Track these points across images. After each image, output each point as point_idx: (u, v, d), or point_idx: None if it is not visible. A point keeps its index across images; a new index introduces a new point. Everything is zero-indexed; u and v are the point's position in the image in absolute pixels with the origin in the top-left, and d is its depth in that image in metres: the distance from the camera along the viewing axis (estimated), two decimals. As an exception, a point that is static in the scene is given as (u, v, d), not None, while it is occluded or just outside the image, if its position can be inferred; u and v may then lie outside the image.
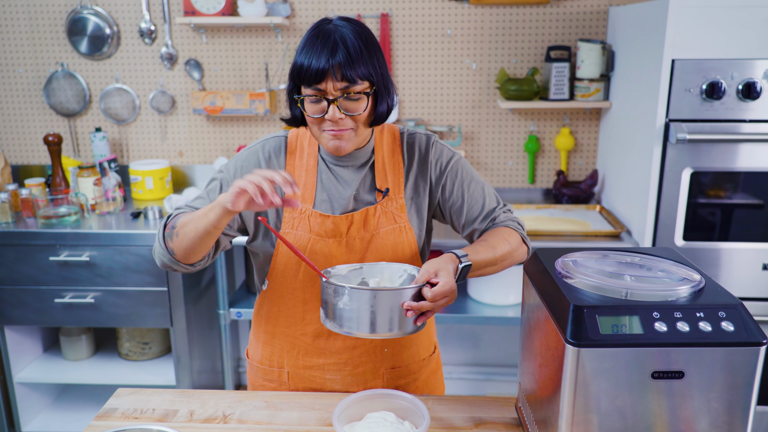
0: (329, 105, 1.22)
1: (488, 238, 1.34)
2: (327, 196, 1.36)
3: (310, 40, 1.22)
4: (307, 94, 1.23)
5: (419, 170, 1.38)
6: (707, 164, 2.19)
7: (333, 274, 1.24)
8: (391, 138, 1.40)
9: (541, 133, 2.97)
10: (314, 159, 1.37)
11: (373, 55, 1.24)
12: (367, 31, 1.25)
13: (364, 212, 1.34)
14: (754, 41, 2.09)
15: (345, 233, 1.33)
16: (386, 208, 1.35)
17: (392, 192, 1.36)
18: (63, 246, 2.46)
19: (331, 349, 1.40)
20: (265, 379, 1.47)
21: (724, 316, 0.95)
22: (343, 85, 1.20)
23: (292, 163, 1.37)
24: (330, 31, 1.21)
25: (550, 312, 1.02)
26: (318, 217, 1.33)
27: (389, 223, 1.35)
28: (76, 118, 3.06)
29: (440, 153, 1.40)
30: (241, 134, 3.05)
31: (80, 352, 2.85)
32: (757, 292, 2.28)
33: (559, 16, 2.82)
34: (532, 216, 2.66)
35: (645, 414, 0.97)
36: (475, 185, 1.41)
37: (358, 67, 1.20)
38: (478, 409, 1.33)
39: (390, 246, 1.34)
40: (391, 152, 1.38)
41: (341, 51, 1.19)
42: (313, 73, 1.19)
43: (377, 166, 1.37)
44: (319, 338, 1.39)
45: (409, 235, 1.36)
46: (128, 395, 1.38)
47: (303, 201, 1.35)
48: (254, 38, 2.92)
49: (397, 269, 1.28)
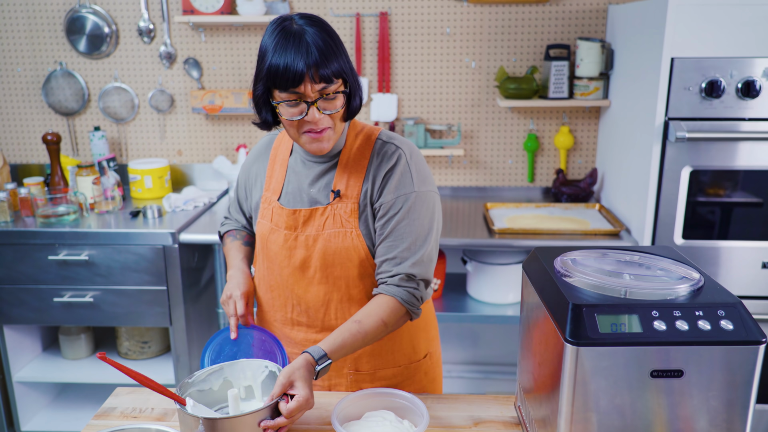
0: (309, 107, 1.23)
1: (362, 319, 1.27)
2: (291, 188, 1.41)
3: (280, 42, 1.21)
4: (283, 98, 1.23)
5: (373, 178, 1.34)
6: (706, 163, 2.19)
7: (192, 382, 1.23)
8: (364, 141, 1.37)
9: (541, 131, 2.97)
10: (288, 153, 1.44)
11: (342, 52, 1.26)
12: (330, 28, 1.26)
13: (312, 210, 1.36)
14: (753, 40, 2.09)
15: (295, 227, 1.38)
16: (336, 210, 1.34)
17: (345, 195, 1.34)
18: (62, 245, 2.46)
19: (295, 339, 1.45)
20: None
21: (723, 314, 0.95)
22: (320, 86, 1.21)
23: (273, 159, 1.46)
24: (298, 32, 1.21)
25: (549, 311, 1.02)
26: (278, 209, 1.40)
27: (336, 226, 1.34)
28: (74, 117, 3.05)
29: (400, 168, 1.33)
30: (240, 133, 3.05)
31: (79, 351, 2.85)
32: (757, 290, 2.28)
33: (559, 14, 2.82)
34: (531, 215, 2.66)
35: (644, 412, 0.97)
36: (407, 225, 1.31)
37: (333, 67, 1.21)
38: (477, 408, 1.33)
39: (334, 249, 1.34)
40: (359, 155, 1.36)
41: (315, 52, 1.19)
42: (291, 77, 1.19)
43: (340, 166, 1.36)
44: (285, 325, 1.46)
45: (357, 241, 1.33)
46: (127, 394, 1.38)
47: (273, 193, 1.43)
48: (253, 37, 2.92)
49: (258, 366, 1.28)
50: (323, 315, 1.40)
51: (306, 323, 1.43)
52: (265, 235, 1.41)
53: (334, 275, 1.36)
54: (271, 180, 1.44)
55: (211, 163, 3.07)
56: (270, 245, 1.41)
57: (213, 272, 2.76)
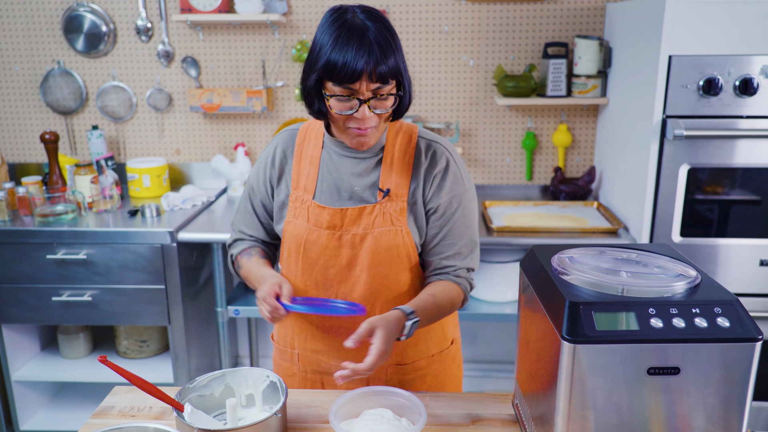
0: (360, 105, 1.22)
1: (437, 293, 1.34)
2: (328, 186, 1.37)
3: (341, 35, 1.19)
4: (336, 92, 1.22)
5: (424, 174, 1.36)
6: (704, 160, 2.19)
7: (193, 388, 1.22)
8: (406, 139, 1.37)
9: (539, 129, 2.97)
10: (318, 149, 1.39)
11: (400, 51, 1.24)
12: (390, 25, 1.24)
13: (361, 209, 1.34)
14: (751, 37, 2.09)
15: (340, 227, 1.34)
16: (385, 208, 1.34)
17: (393, 193, 1.34)
18: (60, 244, 2.46)
19: (334, 336, 1.42)
20: (281, 359, 1.52)
21: (720, 312, 0.95)
22: (376, 86, 1.20)
23: (299, 156, 1.40)
24: (360, 27, 1.19)
25: (546, 308, 1.02)
26: (316, 208, 1.35)
27: (386, 224, 1.34)
28: (72, 116, 3.05)
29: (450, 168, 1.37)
30: (238, 132, 3.05)
31: (78, 351, 2.85)
32: (755, 287, 2.29)
33: (557, 12, 2.82)
34: (529, 213, 2.66)
35: (641, 410, 0.97)
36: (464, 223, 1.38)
37: (391, 67, 1.20)
38: (475, 406, 1.33)
39: (385, 247, 1.34)
40: (403, 153, 1.36)
41: (376, 51, 1.18)
42: (349, 74, 1.18)
43: (384, 164, 1.35)
44: (322, 323, 1.41)
45: (407, 239, 1.35)
46: (125, 393, 1.38)
47: (304, 191, 1.38)
48: (251, 35, 2.92)
49: (260, 375, 1.26)
50: (368, 312, 1.37)
51: (347, 320, 1.39)
52: (301, 235, 1.36)
53: (382, 273, 1.36)
54: (300, 177, 1.39)
55: (209, 161, 3.07)
56: (310, 246, 1.36)
57: (211, 271, 2.76)
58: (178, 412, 1.13)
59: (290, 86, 2.97)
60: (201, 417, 1.16)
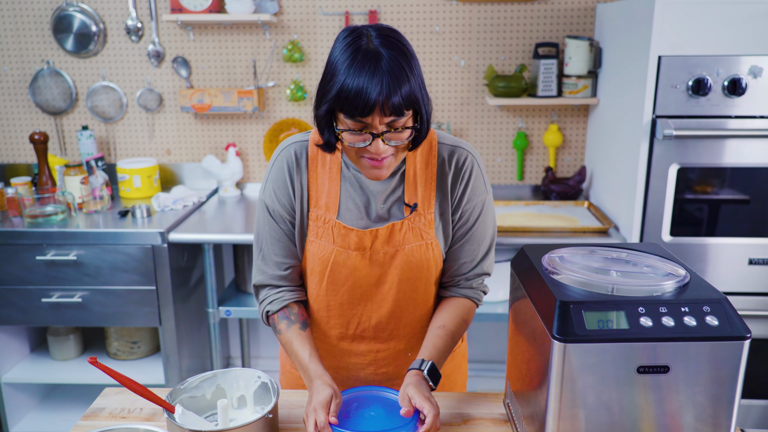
0: (374, 138, 1.14)
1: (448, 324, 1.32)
2: (352, 205, 1.31)
3: (354, 64, 1.10)
4: (348, 125, 1.15)
5: (451, 182, 1.32)
6: (694, 160, 2.21)
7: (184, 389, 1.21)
8: (427, 148, 1.31)
9: (530, 129, 2.98)
10: (338, 166, 1.31)
11: (417, 77, 1.14)
12: (407, 49, 1.15)
13: (390, 227, 1.29)
14: (739, 37, 2.11)
15: (369, 247, 1.29)
16: (414, 223, 1.29)
17: (421, 207, 1.30)
18: (50, 245, 2.45)
19: (355, 351, 1.39)
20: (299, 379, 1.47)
21: (709, 310, 0.96)
22: (390, 119, 1.12)
23: (314, 171, 1.31)
24: (374, 55, 1.10)
25: (536, 308, 1.02)
26: (342, 229, 1.29)
27: (416, 239, 1.30)
28: (62, 116, 3.03)
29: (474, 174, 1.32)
30: (229, 132, 3.04)
31: (68, 352, 2.83)
32: (744, 286, 2.30)
33: (547, 12, 2.83)
34: (520, 212, 2.67)
35: (631, 408, 0.98)
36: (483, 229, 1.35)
37: (406, 98, 1.11)
38: (467, 405, 1.33)
39: (415, 263, 1.30)
40: (425, 163, 1.31)
41: (391, 83, 1.09)
42: (360, 107, 1.10)
43: (408, 178, 1.30)
44: (343, 340, 1.39)
45: (436, 251, 1.32)
46: (116, 395, 1.38)
47: (326, 210, 1.30)
48: (242, 35, 2.91)
49: (251, 375, 1.25)
50: (393, 326, 1.36)
51: (371, 336, 1.37)
52: (327, 257, 1.29)
53: (410, 287, 1.32)
54: (319, 195, 1.31)
55: (200, 162, 3.06)
56: (337, 267, 1.30)
57: (203, 272, 2.75)
58: (168, 414, 1.13)
59: (281, 86, 2.96)
60: (192, 418, 1.16)
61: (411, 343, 1.40)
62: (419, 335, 1.39)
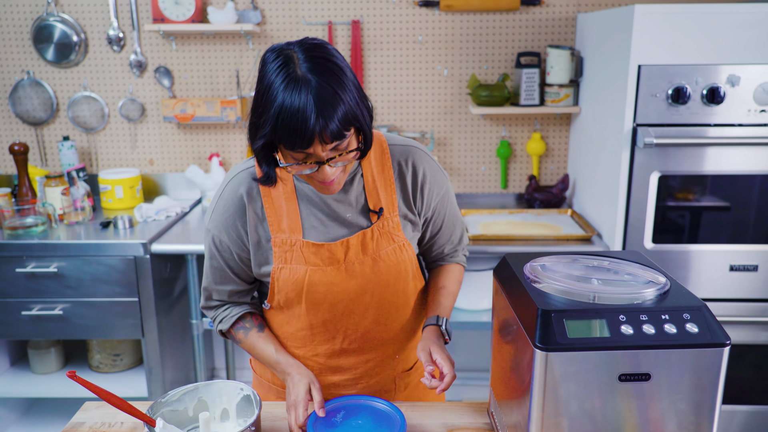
0: (320, 166, 1.13)
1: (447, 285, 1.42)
2: (316, 221, 1.28)
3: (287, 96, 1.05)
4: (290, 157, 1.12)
5: (411, 185, 1.32)
6: (675, 168, 2.23)
7: (165, 402, 1.20)
8: (379, 151, 1.31)
9: (513, 138, 3.00)
10: (291, 185, 1.27)
11: (349, 92, 1.09)
12: (337, 66, 1.10)
13: (360, 236, 1.27)
14: (717, 47, 2.13)
15: (343, 259, 1.27)
16: (383, 228, 1.29)
17: (387, 211, 1.29)
18: (30, 257, 2.41)
19: (345, 366, 1.37)
20: (279, 398, 1.44)
21: (689, 318, 0.97)
22: (333, 145, 1.10)
23: (268, 196, 1.26)
24: (305, 83, 1.05)
25: (518, 317, 1.03)
26: (311, 247, 1.25)
27: (388, 243, 1.29)
28: (43, 126, 3.00)
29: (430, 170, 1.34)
30: (212, 142, 3.03)
31: (49, 366, 2.79)
32: (725, 293, 2.33)
33: (529, 22, 2.86)
34: (504, 221, 2.68)
35: (614, 416, 0.98)
36: (453, 211, 1.42)
37: (344, 122, 1.08)
38: (451, 415, 1.33)
39: (393, 267, 1.29)
40: (381, 167, 1.30)
41: (325, 111, 1.05)
42: (300, 141, 1.07)
43: (367, 185, 1.29)
44: (332, 358, 1.36)
45: (409, 252, 1.32)
46: (96, 408, 1.36)
47: (291, 232, 1.26)
48: (225, 45, 2.90)
49: (234, 388, 1.23)
50: (380, 334, 1.36)
51: (357, 348, 1.36)
52: (301, 278, 1.26)
53: (391, 291, 1.32)
54: (280, 219, 1.26)
55: (183, 172, 3.04)
56: (314, 288, 1.27)
57: (186, 282, 2.73)
58: (149, 428, 1.11)
59: (265, 96, 2.95)
60: None
61: (398, 346, 1.41)
62: (406, 337, 1.41)
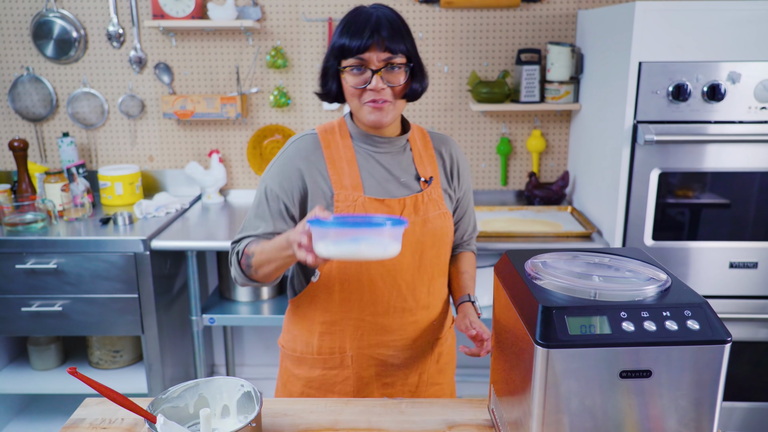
0: (373, 75, 1.31)
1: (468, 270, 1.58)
2: (373, 181, 1.41)
3: (351, 19, 1.32)
4: (349, 63, 1.32)
5: (449, 166, 1.51)
6: (675, 165, 2.23)
7: (166, 398, 1.19)
8: (421, 135, 1.50)
9: (513, 135, 3.00)
10: (351, 150, 1.43)
11: (409, 35, 1.35)
12: (401, 17, 1.36)
13: (414, 198, 1.42)
14: (718, 44, 2.13)
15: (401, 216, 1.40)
16: (430, 195, 1.44)
17: (433, 181, 1.46)
18: (30, 253, 2.41)
19: (393, 326, 1.47)
20: (325, 368, 1.50)
21: (690, 314, 0.96)
22: (385, 56, 1.30)
23: (330, 156, 1.42)
24: (369, 11, 1.33)
25: (519, 313, 1.03)
26: (373, 202, 1.39)
27: (435, 209, 1.44)
28: (42, 123, 3.00)
29: (462, 159, 1.54)
30: (212, 138, 3.02)
31: (49, 362, 2.79)
32: (725, 290, 2.33)
33: (529, 19, 2.85)
34: (504, 217, 2.68)
35: (614, 413, 0.98)
36: (472, 201, 1.60)
37: (398, 41, 1.31)
38: (452, 412, 1.33)
39: (438, 230, 1.44)
40: (425, 147, 1.49)
41: (383, 25, 1.30)
42: (357, 45, 1.29)
43: (415, 157, 1.46)
44: (380, 316, 1.45)
45: (449, 221, 1.47)
46: (96, 405, 1.36)
47: (353, 189, 1.39)
48: (225, 41, 2.90)
49: (234, 384, 1.24)
50: (424, 295, 1.48)
51: (401, 308, 1.46)
52: None
53: (436, 254, 1.46)
54: (342, 177, 1.40)
55: (183, 168, 3.04)
56: None
57: (186, 279, 2.73)
58: (150, 424, 1.11)
59: (265, 92, 2.95)
60: (174, 428, 1.14)
61: (434, 311, 1.52)
62: (437, 303, 1.53)
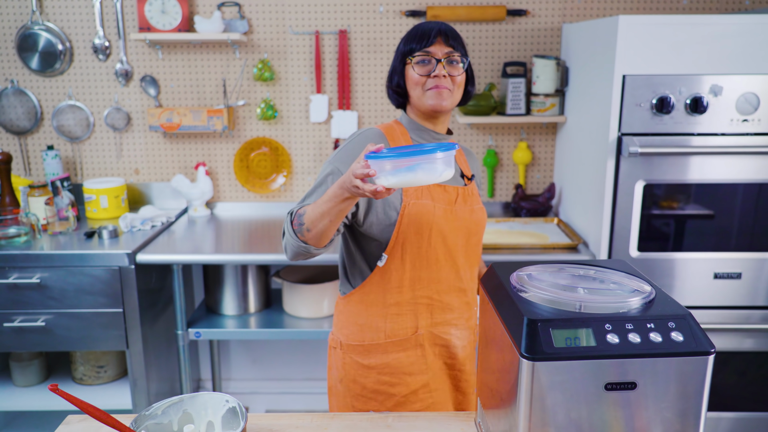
0: (437, 63, 1.49)
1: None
2: None
3: (417, 27, 1.53)
4: (416, 57, 1.50)
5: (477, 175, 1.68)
6: (659, 176, 2.25)
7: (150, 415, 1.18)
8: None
9: (500, 147, 3.01)
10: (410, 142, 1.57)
11: (464, 45, 1.55)
12: None
13: (464, 189, 1.57)
14: (700, 58, 2.16)
15: (453, 203, 1.53)
16: (473, 190, 1.60)
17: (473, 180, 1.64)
18: (12, 268, 2.38)
19: (453, 304, 1.56)
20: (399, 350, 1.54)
21: (674, 326, 0.97)
22: (448, 49, 1.50)
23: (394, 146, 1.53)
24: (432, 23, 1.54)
25: (505, 326, 1.03)
26: (438, 187, 1.52)
27: (476, 203, 1.59)
28: (26, 135, 2.97)
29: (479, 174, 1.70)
30: (198, 151, 3.01)
31: (31, 378, 2.75)
32: (709, 300, 2.34)
33: (515, 32, 2.88)
34: (492, 229, 2.68)
35: (600, 425, 0.98)
36: None
37: (459, 43, 1.52)
38: (438, 425, 1.32)
39: (480, 221, 1.58)
40: (460, 152, 1.65)
41: (445, 29, 1.52)
42: (425, 37, 1.50)
43: (458, 159, 1.62)
44: (442, 294, 1.55)
45: (486, 215, 1.62)
46: (78, 422, 1.34)
47: None
48: (212, 54, 2.90)
49: (219, 400, 1.23)
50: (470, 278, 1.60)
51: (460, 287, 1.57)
52: (431, 210, 1.49)
53: (474, 242, 1.58)
54: None
55: (169, 181, 3.02)
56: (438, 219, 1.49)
57: (171, 293, 2.71)
58: None
59: (251, 105, 2.95)
60: None
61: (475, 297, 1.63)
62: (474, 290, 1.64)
